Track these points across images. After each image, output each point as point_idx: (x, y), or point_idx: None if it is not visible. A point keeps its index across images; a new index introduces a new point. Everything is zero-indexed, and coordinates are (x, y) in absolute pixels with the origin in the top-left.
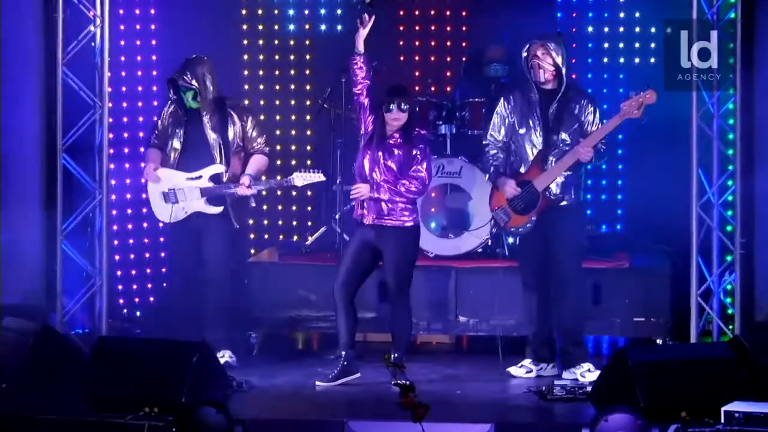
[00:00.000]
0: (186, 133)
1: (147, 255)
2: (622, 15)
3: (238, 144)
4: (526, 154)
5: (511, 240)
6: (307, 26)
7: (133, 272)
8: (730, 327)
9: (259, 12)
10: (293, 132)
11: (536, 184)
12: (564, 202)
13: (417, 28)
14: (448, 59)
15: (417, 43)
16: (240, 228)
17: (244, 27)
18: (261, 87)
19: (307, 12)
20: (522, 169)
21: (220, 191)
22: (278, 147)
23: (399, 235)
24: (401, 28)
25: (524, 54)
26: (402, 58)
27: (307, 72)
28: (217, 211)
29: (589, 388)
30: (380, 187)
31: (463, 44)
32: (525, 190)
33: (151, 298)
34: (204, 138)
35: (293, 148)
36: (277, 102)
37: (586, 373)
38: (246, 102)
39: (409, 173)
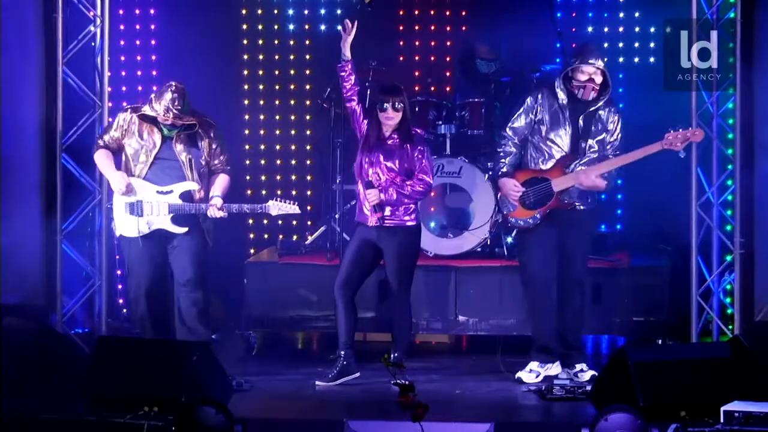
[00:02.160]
0: (156, 153)
1: None
2: (621, 15)
3: (206, 160)
4: (550, 154)
5: (510, 239)
6: (306, 26)
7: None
8: (730, 327)
9: (259, 12)
10: (293, 132)
11: (554, 185)
12: (582, 207)
13: (416, 28)
14: (448, 59)
15: (417, 43)
16: (212, 244)
17: (244, 27)
18: (261, 87)
19: (306, 12)
20: (544, 167)
21: (190, 209)
22: (278, 147)
23: (400, 234)
24: (401, 28)
25: (573, 67)
26: (402, 58)
27: (307, 72)
28: (182, 231)
29: (588, 388)
30: (384, 189)
31: (463, 44)
32: (540, 186)
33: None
34: (172, 154)
35: (293, 148)
36: (277, 102)
37: (580, 373)
38: (247, 100)
39: (416, 175)
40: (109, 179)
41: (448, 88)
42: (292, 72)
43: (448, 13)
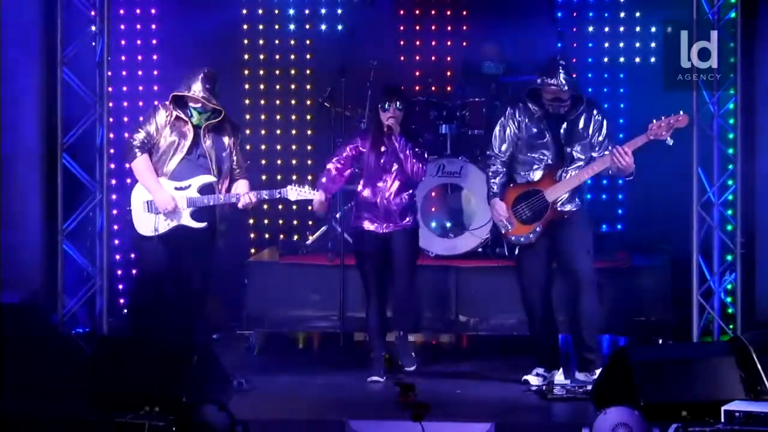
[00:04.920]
0: (184, 147)
1: None
2: (622, 15)
3: (229, 158)
4: (537, 165)
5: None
6: (307, 26)
7: (134, 271)
8: (731, 326)
9: (260, 12)
10: (294, 131)
11: (546, 195)
12: (571, 209)
13: (417, 27)
14: (449, 59)
15: (417, 43)
16: (220, 246)
17: (245, 27)
18: (261, 87)
19: (307, 12)
20: (532, 178)
21: (209, 202)
22: (279, 146)
23: (408, 236)
24: (402, 28)
25: (536, 87)
26: (402, 58)
27: (308, 72)
28: (201, 226)
29: (589, 387)
30: (388, 187)
31: (464, 44)
32: (533, 199)
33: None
34: (201, 149)
35: (294, 147)
36: (278, 102)
37: None
38: (247, 100)
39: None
40: (155, 196)
41: (448, 88)
42: (292, 72)
43: (449, 12)
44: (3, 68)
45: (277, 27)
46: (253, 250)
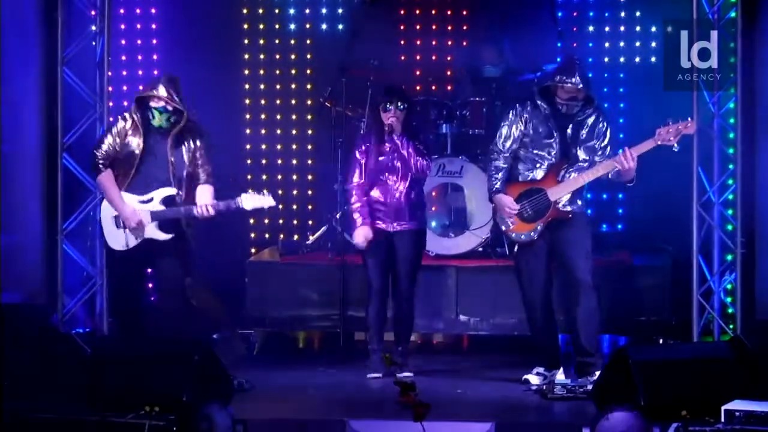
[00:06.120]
0: (144, 153)
1: None
2: (622, 14)
3: (191, 164)
4: (540, 163)
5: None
6: (307, 25)
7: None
8: (731, 326)
9: (260, 11)
10: (294, 131)
11: (550, 194)
12: (573, 210)
13: (418, 27)
14: (449, 58)
15: (418, 43)
16: (195, 245)
17: (245, 26)
18: (262, 86)
19: (308, 11)
20: (535, 177)
21: (172, 214)
22: (279, 146)
23: (414, 239)
24: (402, 28)
25: (553, 84)
26: (403, 58)
27: (308, 71)
28: (168, 238)
29: (590, 387)
30: (397, 186)
31: (464, 43)
32: (536, 197)
33: (152, 298)
34: (162, 159)
35: (294, 147)
36: (278, 101)
37: None
38: (248, 100)
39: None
40: (120, 212)
41: (449, 88)
42: (293, 71)
43: (449, 12)
44: (3, 68)
45: (277, 27)
46: (253, 250)
